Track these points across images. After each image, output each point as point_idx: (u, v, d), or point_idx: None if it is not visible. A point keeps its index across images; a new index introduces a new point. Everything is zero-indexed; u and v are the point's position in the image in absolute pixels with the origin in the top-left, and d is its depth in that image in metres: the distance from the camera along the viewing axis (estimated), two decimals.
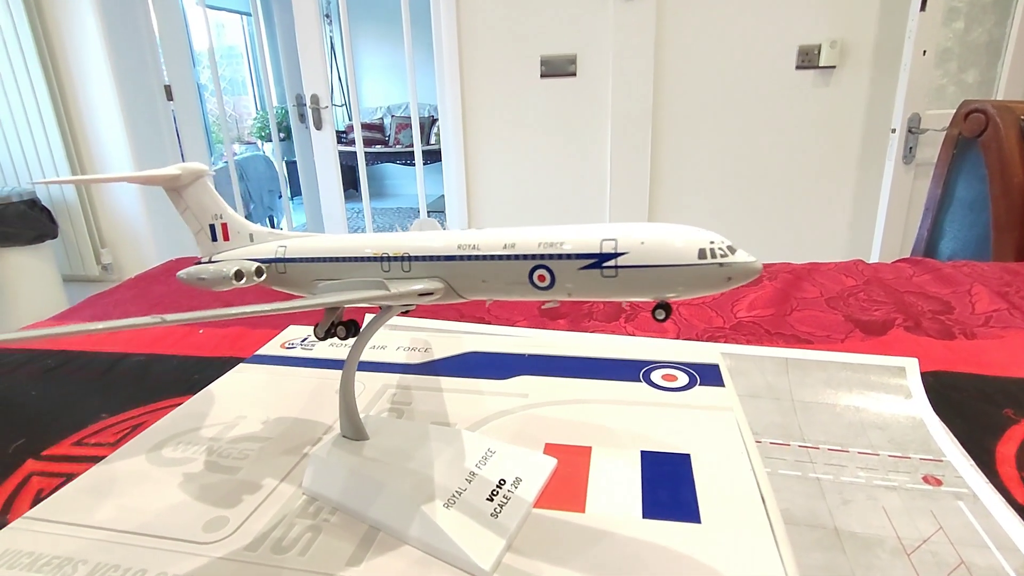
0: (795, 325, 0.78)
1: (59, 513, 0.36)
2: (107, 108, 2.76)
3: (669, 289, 0.27)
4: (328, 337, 0.33)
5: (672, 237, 0.27)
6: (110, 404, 0.58)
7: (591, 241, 0.28)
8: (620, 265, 0.27)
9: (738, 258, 0.26)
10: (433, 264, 0.31)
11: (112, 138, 2.82)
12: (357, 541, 0.32)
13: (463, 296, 0.32)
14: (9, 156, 2.88)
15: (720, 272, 0.26)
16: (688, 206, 2.20)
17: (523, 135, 2.30)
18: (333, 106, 2.96)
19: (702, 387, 0.46)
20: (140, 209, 2.91)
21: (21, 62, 2.68)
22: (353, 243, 0.34)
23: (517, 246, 0.29)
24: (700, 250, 0.26)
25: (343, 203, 2.89)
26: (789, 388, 0.63)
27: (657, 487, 0.35)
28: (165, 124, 2.95)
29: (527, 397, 0.46)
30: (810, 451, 0.52)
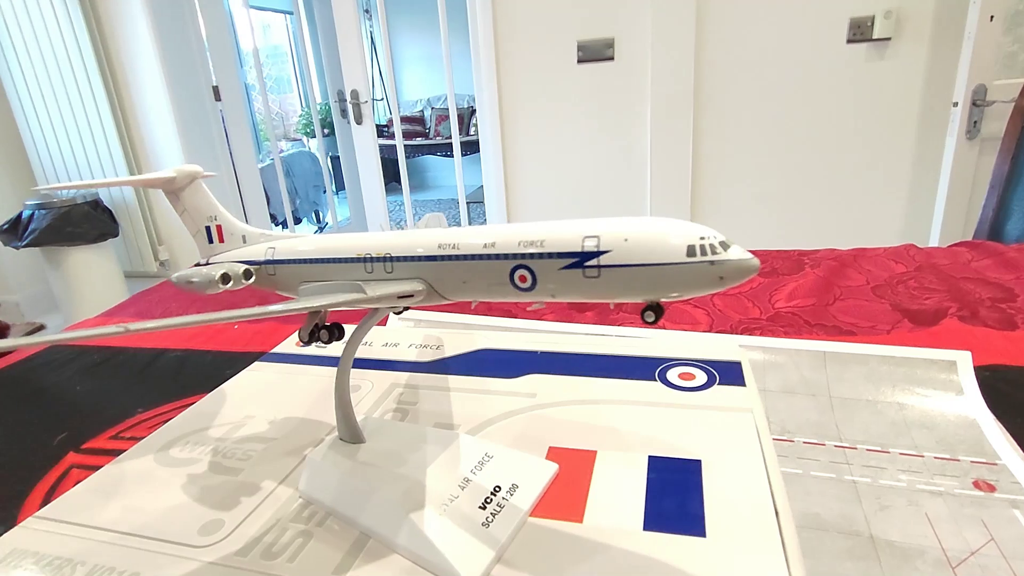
0: (837, 315, 0.73)
1: (68, 513, 0.37)
2: (160, 110, 2.87)
3: (656, 290, 0.25)
4: (312, 341, 0.32)
5: (659, 233, 0.24)
6: (146, 399, 0.60)
7: (572, 239, 0.26)
8: (603, 264, 0.25)
9: (731, 255, 0.24)
10: (414, 265, 0.30)
11: (165, 139, 2.93)
12: (347, 548, 0.32)
13: (446, 297, 0.31)
14: (73, 159, 3.04)
15: (711, 271, 0.24)
16: (732, 191, 2.12)
17: (561, 123, 2.27)
18: (374, 100, 2.99)
19: (721, 386, 0.43)
20: None
21: (83, 71, 2.81)
22: (339, 243, 0.33)
23: (497, 245, 0.27)
24: (689, 247, 0.24)
25: (384, 196, 2.92)
26: (826, 383, 0.59)
27: (662, 496, 0.33)
28: (214, 124, 3.05)
29: (535, 397, 0.44)
30: (847, 451, 0.49)
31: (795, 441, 0.50)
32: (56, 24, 2.79)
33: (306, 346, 0.32)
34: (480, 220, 2.85)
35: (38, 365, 0.74)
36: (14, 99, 2.97)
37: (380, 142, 2.91)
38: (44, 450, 0.52)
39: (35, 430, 0.57)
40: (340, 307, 0.30)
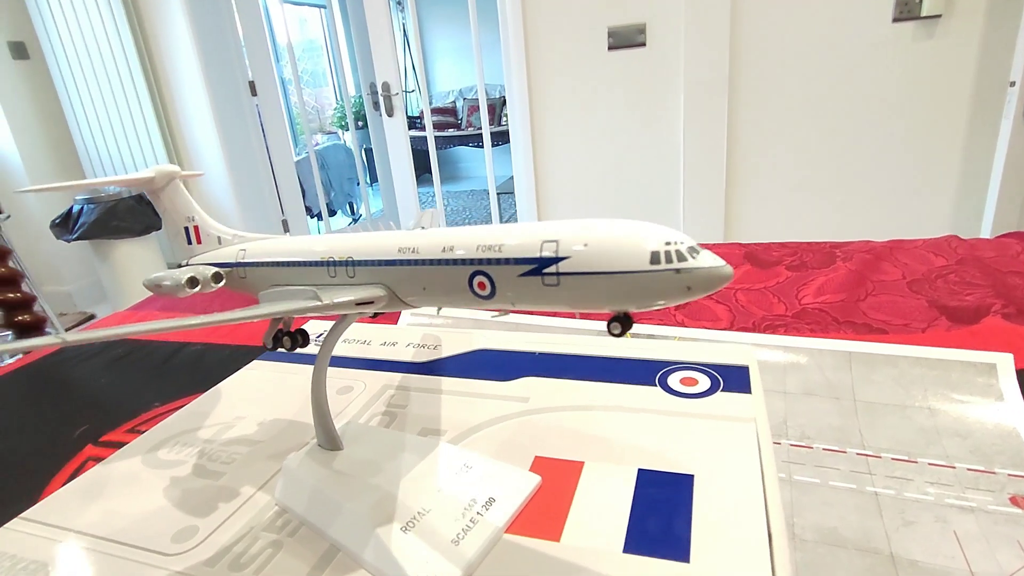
0: (868, 312, 0.69)
1: (51, 515, 0.37)
2: (198, 106, 2.95)
3: (619, 300, 0.22)
4: (277, 347, 0.31)
5: (621, 238, 0.22)
6: (163, 393, 0.60)
7: (531, 243, 0.24)
8: (561, 272, 0.23)
9: (700, 263, 0.21)
10: (375, 269, 0.28)
11: (204, 134, 3.01)
12: (314, 562, 0.30)
13: (409, 304, 0.29)
14: (119, 154, 3.14)
15: (677, 280, 0.21)
16: (768, 180, 2.04)
17: (591, 112, 2.22)
18: (405, 93, 3.00)
19: (725, 393, 0.40)
20: (232, 203, 3.09)
21: (127, 70, 2.90)
22: (305, 246, 0.32)
23: (455, 250, 0.26)
24: (653, 253, 0.22)
25: (415, 188, 2.93)
26: (851, 386, 0.55)
27: (648, 515, 0.31)
28: (250, 118, 3.11)
29: (527, 402, 0.42)
30: (870, 460, 0.45)
31: (814, 448, 0.47)
32: (102, 27, 2.88)
33: (272, 351, 0.31)
34: (511, 211, 2.83)
35: (67, 358, 0.76)
36: (64, 100, 3.09)
37: (412, 134, 2.91)
38: (65, 442, 0.53)
39: (58, 422, 0.58)
40: (291, 315, 0.28)
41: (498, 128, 3.22)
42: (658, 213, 2.26)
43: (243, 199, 3.11)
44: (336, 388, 0.47)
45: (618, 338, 0.23)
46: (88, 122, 3.09)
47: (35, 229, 3.04)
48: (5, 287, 1.10)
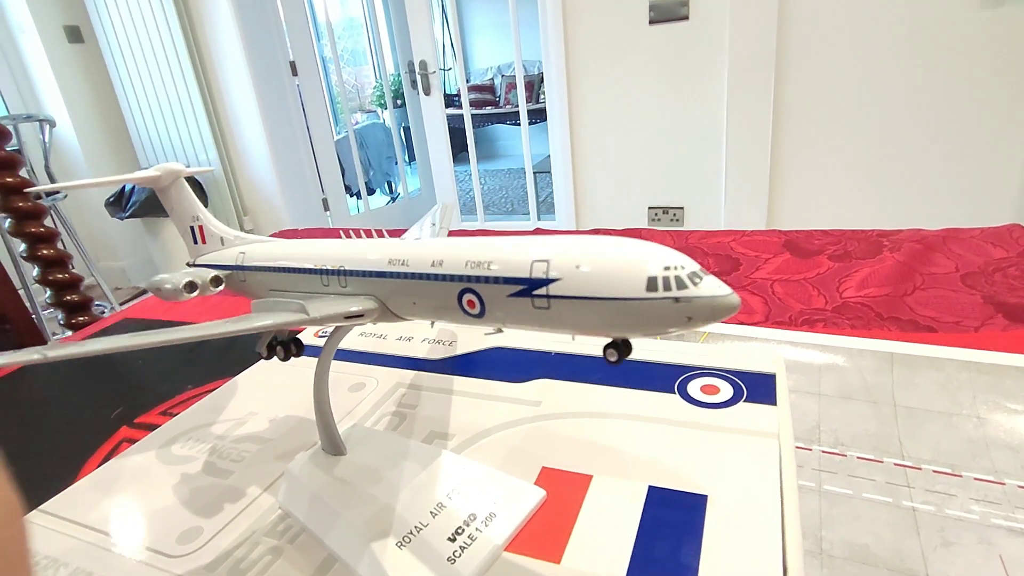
0: (916, 308, 0.65)
1: (66, 509, 0.37)
2: (241, 87, 2.99)
3: (613, 328, 0.21)
4: (272, 355, 0.30)
5: (617, 260, 0.20)
6: (195, 377, 0.61)
7: (521, 262, 0.22)
8: (552, 295, 0.21)
9: (702, 291, 0.19)
10: (366, 281, 0.27)
11: (247, 115, 3.06)
12: (311, 572, 0.30)
13: (400, 316, 0.28)
14: (167, 135, 3.23)
15: (675, 310, 0.19)
16: (816, 162, 1.94)
17: (630, 88, 2.15)
18: (442, 70, 2.97)
19: (748, 404, 0.38)
20: (274, 180, 3.15)
21: (173, 52, 2.96)
22: (300, 252, 0.31)
23: (445, 264, 0.24)
24: (650, 279, 0.20)
25: (452, 167, 2.92)
26: (891, 390, 0.52)
27: (655, 538, 0.29)
28: (291, 98, 3.14)
29: (539, 406, 0.40)
30: (908, 472, 0.42)
31: (848, 456, 0.44)
32: (151, 11, 2.96)
33: (267, 359, 0.30)
34: (547, 191, 2.80)
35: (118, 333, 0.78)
36: (116, 82, 3.19)
37: (449, 112, 2.89)
38: (102, 423, 0.55)
39: (97, 403, 0.60)
40: (280, 328, 0.28)
41: (536, 106, 3.17)
42: (698, 196, 2.19)
43: (284, 179, 3.16)
44: (348, 385, 0.47)
45: (615, 365, 0.21)
46: (139, 103, 3.19)
47: (91, 208, 3.17)
48: (54, 268, 1.14)
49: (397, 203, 3.79)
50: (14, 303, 1.09)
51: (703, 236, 0.94)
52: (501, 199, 3.78)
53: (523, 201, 3.41)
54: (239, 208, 3.29)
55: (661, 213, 2.30)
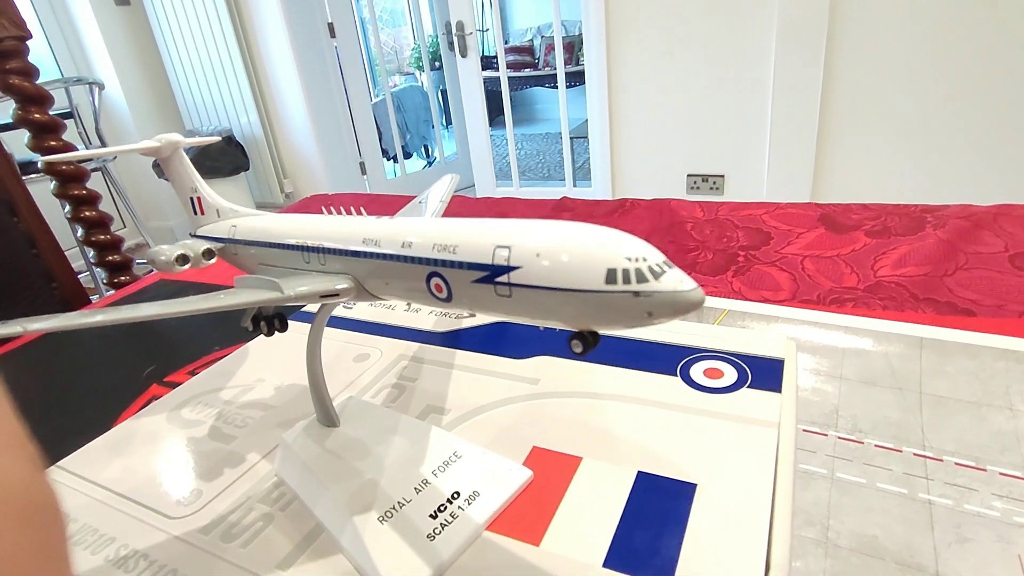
0: (955, 289, 0.61)
1: (82, 466, 0.39)
2: (281, 50, 3.01)
3: (574, 319, 0.20)
4: (256, 330, 0.31)
5: (579, 249, 0.19)
6: (224, 338, 0.63)
7: (484, 247, 0.21)
8: (513, 283, 0.20)
9: (663, 285, 0.18)
10: (343, 259, 0.27)
11: (286, 77, 3.08)
12: (298, 540, 0.31)
13: (377, 296, 0.27)
14: (210, 96, 3.29)
15: (635, 304, 0.18)
16: (868, 129, 1.84)
17: (672, 49, 2.07)
18: (480, 31, 2.91)
19: (751, 390, 0.36)
20: (313, 145, 3.18)
21: (215, 15, 2.99)
22: (286, 228, 0.31)
23: (414, 247, 0.23)
24: (609, 271, 0.19)
25: (488, 130, 2.89)
26: (919, 376, 0.50)
27: (637, 525, 0.28)
28: (329, 60, 3.14)
29: (537, 384, 0.40)
30: (928, 463, 0.41)
31: (864, 443, 0.43)
32: None
33: (252, 333, 0.31)
34: (584, 156, 2.74)
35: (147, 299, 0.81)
36: (161, 44, 3.24)
37: (486, 74, 2.84)
38: (134, 381, 0.57)
39: (130, 361, 0.62)
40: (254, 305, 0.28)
41: (575, 68, 3.08)
42: (739, 164, 2.11)
43: (323, 142, 3.19)
44: (354, 355, 0.47)
45: (580, 355, 0.20)
46: (183, 65, 3.25)
47: (142, 169, 3.27)
48: (96, 230, 1.18)
49: (433, 167, 3.78)
50: (61, 263, 1.13)
51: (734, 208, 0.90)
52: (537, 164, 3.72)
53: (559, 167, 3.36)
54: (279, 171, 3.35)
55: (701, 181, 2.23)
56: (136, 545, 0.32)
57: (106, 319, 0.23)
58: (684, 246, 0.81)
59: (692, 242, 0.83)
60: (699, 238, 0.83)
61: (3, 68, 1.04)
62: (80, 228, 1.19)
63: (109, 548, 0.32)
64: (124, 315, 0.24)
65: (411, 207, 0.41)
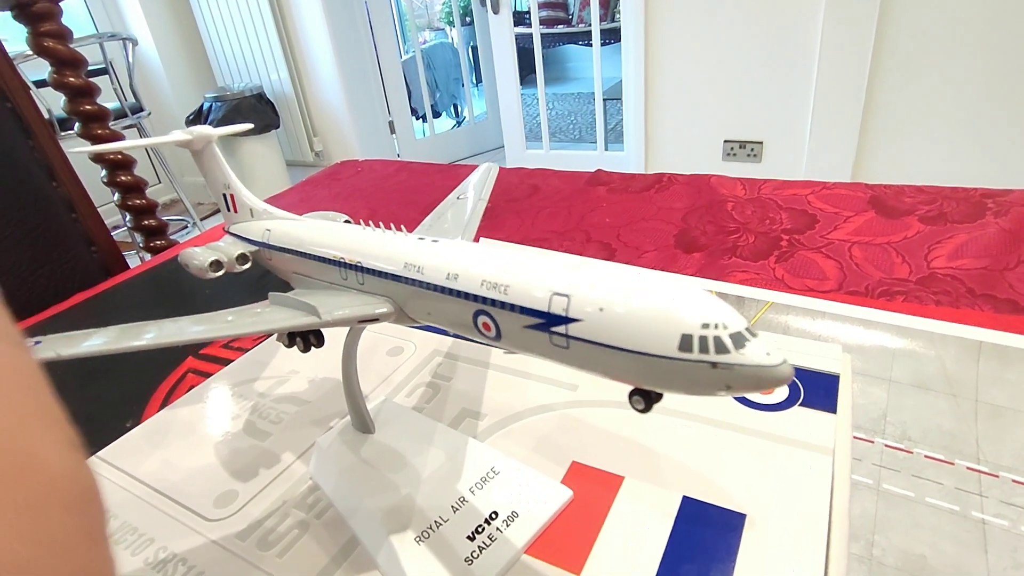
0: (1017, 285, 0.57)
1: (120, 458, 0.40)
2: (311, 4, 2.95)
3: (639, 381, 0.18)
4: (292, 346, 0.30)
5: (647, 309, 0.17)
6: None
7: (539, 293, 0.19)
8: (571, 335, 0.18)
9: (745, 358, 0.16)
10: (383, 281, 0.25)
11: (316, 33, 3.04)
12: (335, 552, 0.31)
13: (418, 321, 0.26)
14: (241, 54, 3.27)
15: (712, 376, 0.17)
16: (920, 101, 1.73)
17: (713, 7, 1.96)
18: None
19: (804, 408, 0.35)
20: (342, 103, 3.15)
21: None
22: (324, 239, 0.29)
23: (460, 279, 0.22)
24: (684, 337, 0.17)
25: (518, 89, 2.81)
26: (975, 383, 0.47)
27: (684, 557, 0.27)
28: (359, 16, 3.08)
29: (576, 391, 0.39)
30: (983, 478, 0.39)
31: (914, 453, 0.41)
32: None
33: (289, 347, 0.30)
34: (617, 118, 2.66)
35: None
36: (195, 5, 3.21)
37: (518, 31, 2.75)
38: (170, 352, 0.57)
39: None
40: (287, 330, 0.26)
41: (611, 24, 2.96)
42: (779, 131, 2.02)
43: (352, 100, 3.16)
44: (387, 348, 0.46)
45: (642, 413, 0.19)
46: (215, 21, 3.22)
47: (175, 125, 3.29)
48: (132, 194, 1.19)
49: (462, 127, 3.72)
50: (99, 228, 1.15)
51: (778, 187, 0.86)
52: (569, 125, 3.63)
53: (591, 128, 3.27)
54: (309, 129, 3.34)
55: (738, 147, 2.14)
56: (174, 548, 0.32)
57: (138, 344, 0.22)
58: (724, 227, 0.78)
59: (733, 223, 0.79)
60: (740, 219, 0.80)
61: (37, 30, 1.03)
62: (116, 192, 1.20)
63: (148, 550, 0.32)
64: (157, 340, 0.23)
65: (449, 202, 0.40)
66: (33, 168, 1.08)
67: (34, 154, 1.08)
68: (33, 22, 1.02)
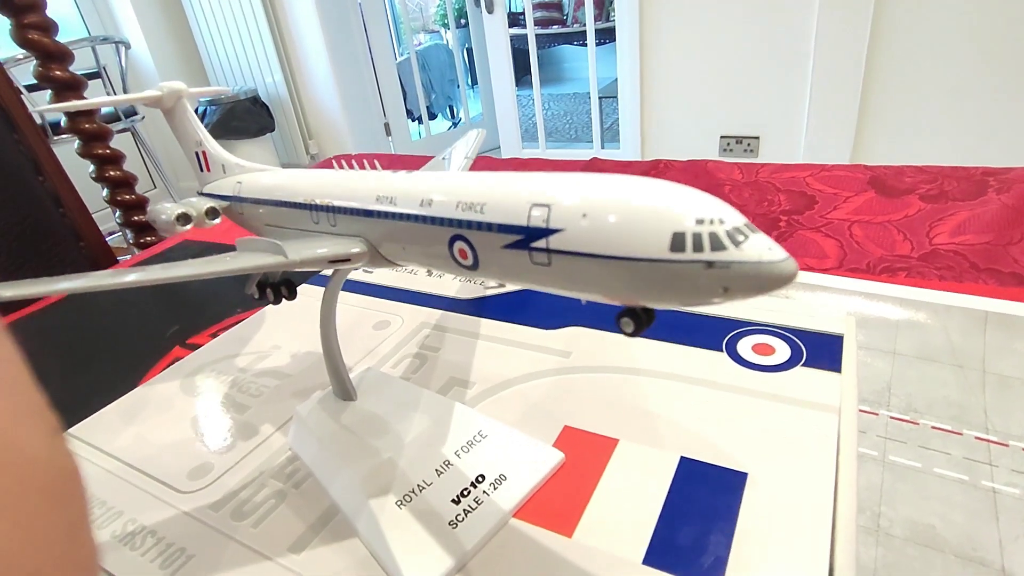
0: (1021, 259, 0.56)
1: (93, 434, 0.38)
2: (305, 7, 2.95)
3: (625, 294, 0.16)
4: (263, 298, 0.28)
5: (636, 209, 0.16)
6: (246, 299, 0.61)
7: (517, 206, 0.17)
8: (552, 249, 0.17)
9: (745, 254, 0.14)
10: (354, 219, 0.24)
11: (311, 36, 3.03)
12: (312, 521, 0.29)
13: (394, 262, 0.24)
14: (236, 57, 3.25)
15: (709, 277, 0.15)
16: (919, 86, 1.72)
17: (708, 7, 1.96)
18: None
19: (807, 368, 0.33)
20: (337, 105, 3.14)
21: None
22: (293, 184, 0.28)
23: (434, 205, 0.20)
24: (676, 235, 0.15)
25: (514, 90, 2.81)
26: (982, 354, 0.46)
27: (681, 519, 0.26)
28: (354, 18, 3.08)
29: (568, 357, 0.37)
30: (992, 448, 0.37)
31: (920, 424, 0.39)
32: None
33: (259, 301, 0.28)
34: (613, 117, 2.65)
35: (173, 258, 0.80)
36: (189, 8, 3.21)
37: (513, 32, 2.75)
38: (157, 341, 0.56)
39: (155, 320, 0.61)
40: (255, 271, 0.25)
41: (606, 24, 2.96)
42: (775, 125, 2.01)
43: (347, 102, 3.15)
44: (374, 322, 0.45)
45: (631, 336, 0.17)
46: (207, 24, 3.21)
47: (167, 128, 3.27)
48: (121, 189, 1.17)
49: (458, 128, 3.71)
50: (87, 223, 1.13)
51: (776, 170, 0.85)
52: (565, 125, 3.63)
53: (587, 128, 3.26)
54: (304, 132, 3.32)
55: (734, 143, 2.14)
56: (144, 520, 0.30)
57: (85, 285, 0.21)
58: None
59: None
60: (738, 202, 0.78)
61: (21, 22, 1.02)
62: (105, 188, 1.18)
63: (116, 523, 0.30)
64: (106, 281, 0.21)
65: (434, 164, 0.38)
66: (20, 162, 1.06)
67: (19, 148, 1.06)
68: (16, 14, 1.01)
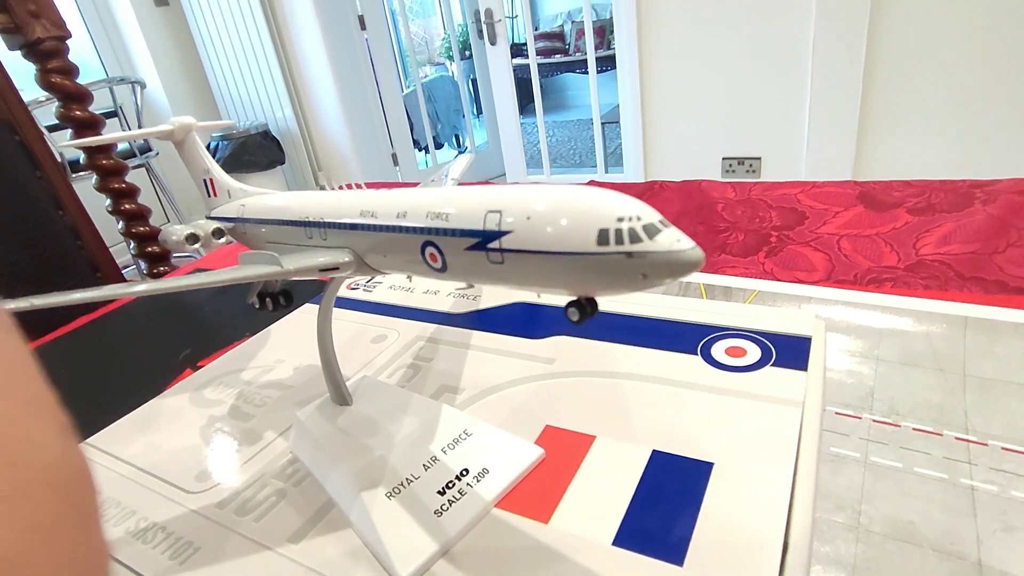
0: (1006, 267, 0.58)
1: (109, 443, 0.40)
2: (313, 43, 3.05)
3: (568, 284, 0.19)
4: (263, 307, 0.30)
5: (569, 211, 0.18)
6: (254, 323, 0.64)
7: (474, 212, 0.20)
8: (505, 248, 0.19)
9: (658, 245, 0.17)
10: (342, 233, 0.27)
11: (319, 71, 3.12)
12: (309, 515, 0.31)
13: (378, 270, 0.27)
14: (246, 91, 3.35)
15: (629, 266, 0.17)
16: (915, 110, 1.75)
17: (705, 27, 2.01)
18: (509, 19, 2.89)
19: (775, 368, 0.35)
20: (346, 137, 3.22)
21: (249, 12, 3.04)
22: (292, 205, 0.31)
23: (408, 216, 0.23)
24: (601, 231, 0.18)
25: (518, 118, 2.87)
26: (963, 358, 0.47)
27: (650, 504, 0.27)
28: (360, 53, 3.17)
29: (552, 364, 0.39)
30: (972, 447, 0.39)
31: (902, 427, 0.41)
32: None
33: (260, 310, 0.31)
34: (616, 142, 2.70)
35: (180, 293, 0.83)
36: (199, 41, 3.32)
37: (516, 62, 2.83)
38: (170, 364, 0.58)
39: (168, 344, 0.63)
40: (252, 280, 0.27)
41: (606, 52, 3.03)
42: (777, 146, 2.04)
43: (355, 134, 3.23)
44: (371, 336, 0.47)
45: (577, 324, 0.20)
46: (220, 63, 3.32)
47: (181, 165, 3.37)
48: (135, 221, 1.22)
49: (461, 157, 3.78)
50: (104, 255, 1.17)
51: (768, 188, 0.87)
52: (569, 151, 3.69)
53: (591, 153, 3.32)
54: (314, 164, 3.41)
55: (736, 164, 2.17)
56: (155, 518, 0.32)
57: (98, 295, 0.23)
58: (714, 227, 0.79)
59: (723, 223, 0.80)
60: (730, 219, 0.81)
61: (45, 67, 1.08)
62: (120, 220, 1.23)
63: (130, 520, 0.32)
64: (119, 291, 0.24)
65: (423, 185, 0.41)
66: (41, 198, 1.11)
67: (41, 184, 1.11)
68: (41, 60, 1.07)
